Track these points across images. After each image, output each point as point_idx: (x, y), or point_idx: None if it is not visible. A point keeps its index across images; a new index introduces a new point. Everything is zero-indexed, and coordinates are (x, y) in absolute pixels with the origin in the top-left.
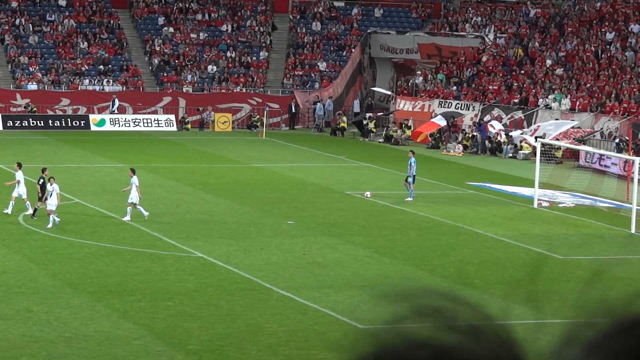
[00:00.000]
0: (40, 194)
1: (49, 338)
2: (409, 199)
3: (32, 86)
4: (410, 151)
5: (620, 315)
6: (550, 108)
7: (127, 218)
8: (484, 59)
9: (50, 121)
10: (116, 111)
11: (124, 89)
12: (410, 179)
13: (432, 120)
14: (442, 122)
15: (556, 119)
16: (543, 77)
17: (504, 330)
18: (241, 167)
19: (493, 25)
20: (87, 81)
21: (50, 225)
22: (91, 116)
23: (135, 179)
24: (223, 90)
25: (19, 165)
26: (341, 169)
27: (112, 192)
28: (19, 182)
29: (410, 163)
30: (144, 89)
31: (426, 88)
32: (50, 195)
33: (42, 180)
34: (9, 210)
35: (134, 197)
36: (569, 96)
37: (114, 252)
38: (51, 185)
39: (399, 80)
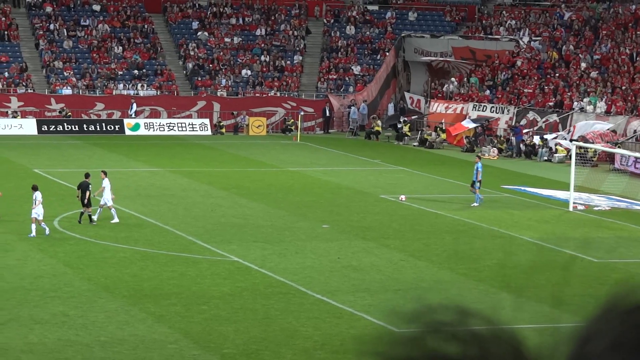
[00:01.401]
0: (79, 197)
1: (85, 342)
2: (474, 204)
3: (67, 91)
4: (477, 156)
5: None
6: (585, 111)
7: (94, 218)
8: (519, 62)
9: (84, 126)
10: (133, 115)
11: (158, 93)
12: (476, 184)
13: (462, 123)
14: (471, 126)
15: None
16: (578, 80)
17: (514, 337)
18: (276, 171)
19: (527, 29)
20: (121, 86)
21: (33, 234)
22: (125, 120)
23: (106, 181)
24: (257, 95)
25: None
26: (376, 172)
27: (146, 196)
28: None
29: (477, 168)
30: (179, 94)
31: (460, 92)
32: (35, 204)
33: (90, 186)
34: None
35: (106, 199)
36: (604, 99)
37: (149, 256)
38: (34, 193)
39: (433, 83)
